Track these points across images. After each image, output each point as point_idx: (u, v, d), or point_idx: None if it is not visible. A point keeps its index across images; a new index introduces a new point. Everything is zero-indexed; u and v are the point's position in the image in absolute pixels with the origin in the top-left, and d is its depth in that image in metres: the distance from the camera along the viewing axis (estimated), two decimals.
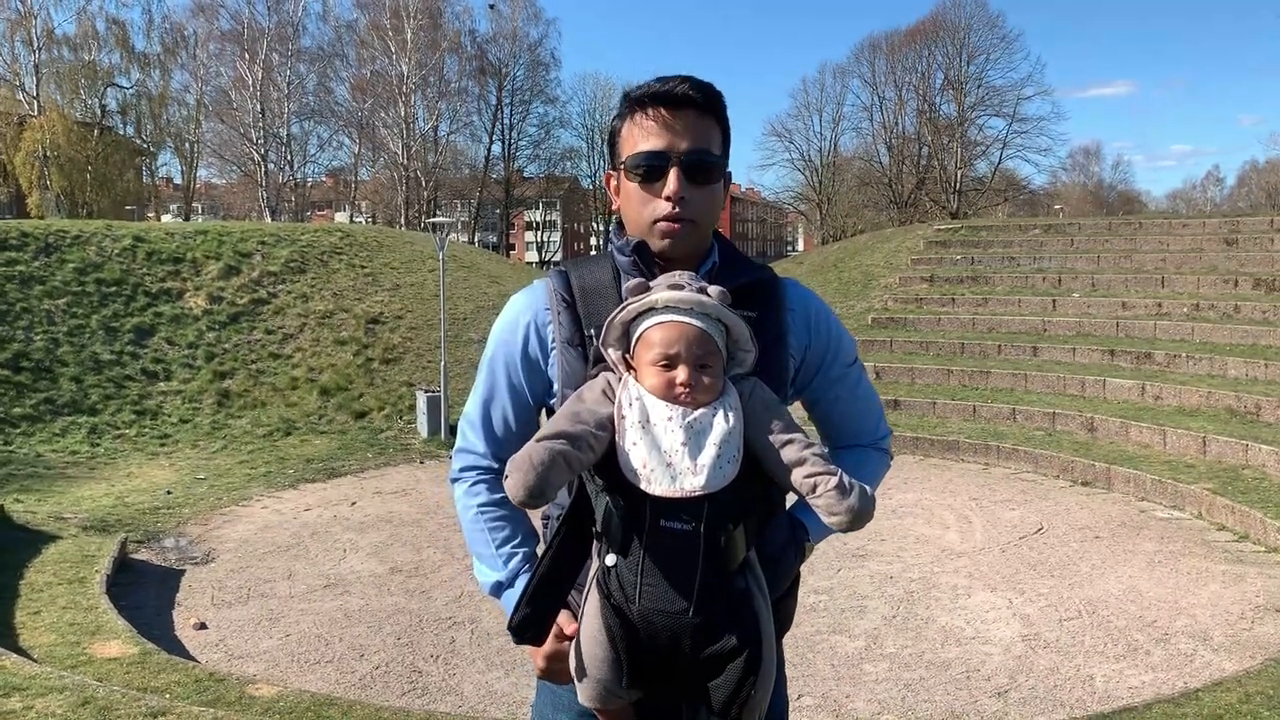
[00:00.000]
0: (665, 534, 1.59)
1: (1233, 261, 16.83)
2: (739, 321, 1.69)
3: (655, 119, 1.80)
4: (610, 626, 1.61)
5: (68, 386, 15.04)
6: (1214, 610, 7.46)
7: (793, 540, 1.80)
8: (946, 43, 55.16)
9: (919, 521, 10.11)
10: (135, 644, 6.38)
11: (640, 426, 1.60)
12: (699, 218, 1.81)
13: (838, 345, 1.96)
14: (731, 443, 1.61)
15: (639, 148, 1.81)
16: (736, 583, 1.65)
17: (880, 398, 2.09)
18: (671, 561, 1.59)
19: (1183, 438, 11.61)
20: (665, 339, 1.63)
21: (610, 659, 1.62)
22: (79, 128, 41.69)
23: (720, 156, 1.85)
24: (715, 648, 1.61)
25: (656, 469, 1.57)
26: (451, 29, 52.59)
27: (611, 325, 1.69)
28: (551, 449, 1.56)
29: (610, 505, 1.62)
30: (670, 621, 1.60)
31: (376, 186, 55.22)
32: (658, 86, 1.81)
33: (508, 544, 1.87)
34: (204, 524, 10.29)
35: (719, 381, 1.66)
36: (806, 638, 6.96)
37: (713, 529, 1.59)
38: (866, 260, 22.16)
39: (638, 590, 1.60)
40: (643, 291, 1.68)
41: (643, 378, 1.65)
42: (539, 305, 1.87)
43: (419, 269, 20.84)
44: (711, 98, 1.83)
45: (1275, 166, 76.66)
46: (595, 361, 1.75)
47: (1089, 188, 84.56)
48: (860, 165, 60.60)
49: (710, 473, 1.58)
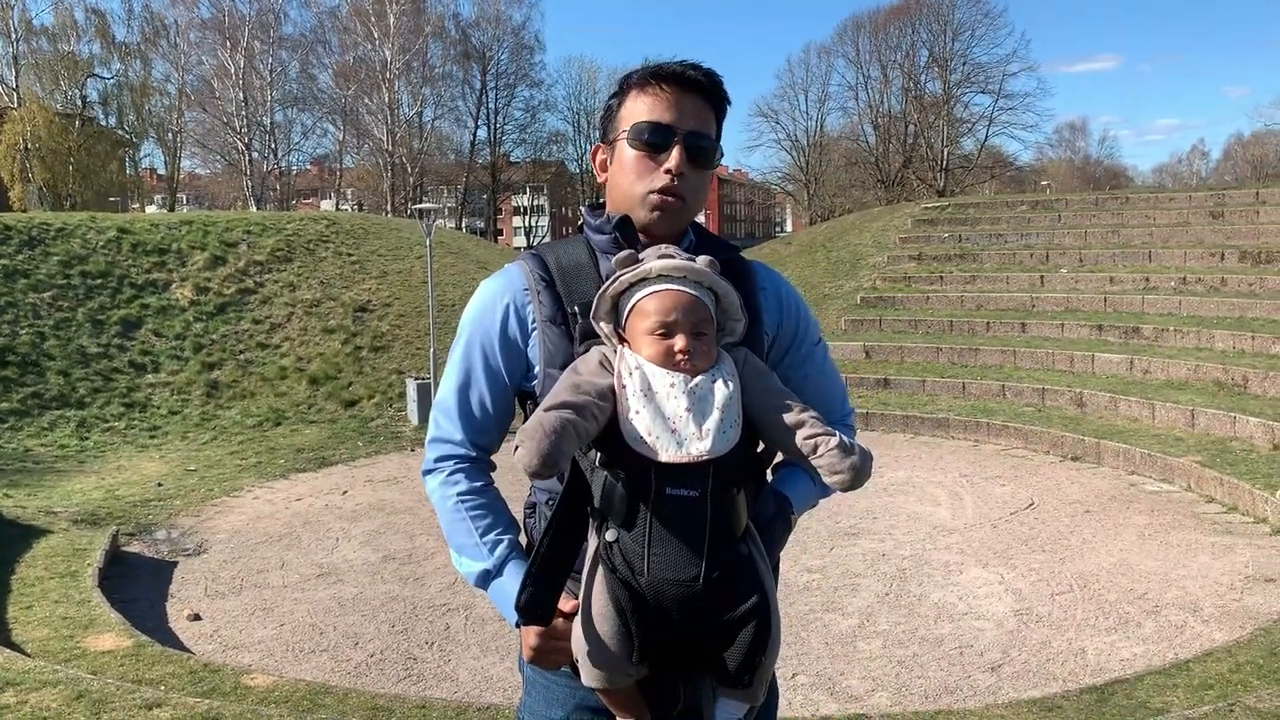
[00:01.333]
0: (672, 501, 1.58)
1: (1219, 235, 16.88)
2: (730, 289, 1.70)
3: (666, 95, 1.81)
4: (619, 600, 1.60)
5: (55, 380, 14.96)
6: (1204, 581, 7.51)
7: (780, 513, 1.81)
8: (930, 20, 55.07)
9: (910, 499, 10.14)
10: (129, 636, 6.37)
11: (643, 395, 1.60)
12: (690, 198, 1.82)
13: (806, 324, 1.99)
14: (732, 408, 1.62)
15: (646, 118, 1.81)
16: (740, 549, 1.65)
17: (860, 373, 2.11)
18: (680, 529, 1.59)
19: (1171, 411, 11.67)
20: (662, 307, 1.64)
21: (620, 633, 1.61)
22: (60, 119, 41.34)
23: (717, 145, 1.88)
24: (733, 613, 1.61)
25: (662, 435, 1.58)
26: (434, 13, 52.33)
27: (603, 298, 1.69)
28: (562, 417, 1.55)
29: (610, 479, 1.61)
30: (681, 590, 1.59)
31: (362, 174, 54.97)
32: (671, 66, 1.82)
33: (491, 532, 1.85)
34: (195, 515, 10.27)
35: (714, 349, 1.67)
36: (800, 616, 6.99)
37: (719, 494, 1.60)
38: (854, 240, 22.15)
39: (645, 561, 1.59)
40: (633, 263, 1.68)
41: (639, 347, 1.65)
42: (517, 286, 1.87)
43: (406, 256, 20.77)
44: (718, 88, 1.85)
45: (1260, 139, 76.87)
46: (583, 338, 1.75)
47: (1076, 163, 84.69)
48: (847, 145, 60.57)
49: (716, 437, 1.58)
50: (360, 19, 48.32)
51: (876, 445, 12.63)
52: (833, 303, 18.48)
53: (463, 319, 1.93)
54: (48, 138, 39.45)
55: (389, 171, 48.79)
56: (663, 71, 1.82)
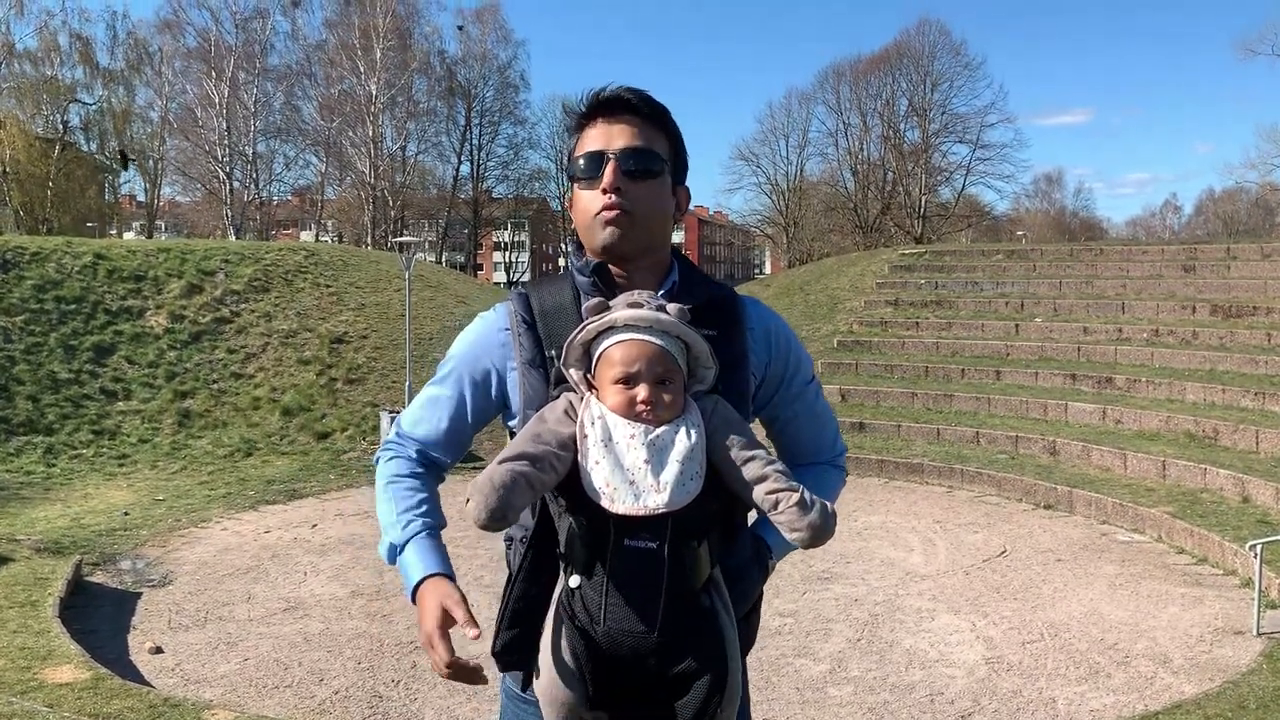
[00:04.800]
0: (629, 553, 1.58)
1: (1191, 288, 17.11)
2: (699, 339, 1.69)
3: (598, 126, 1.86)
4: (574, 648, 1.60)
5: (24, 406, 14.77)
6: (1173, 633, 7.53)
7: (756, 557, 1.81)
8: (910, 70, 55.90)
9: (884, 544, 10.14)
10: (88, 669, 6.25)
11: (603, 445, 1.60)
12: (636, 208, 1.81)
13: (797, 363, 1.98)
14: (694, 459, 1.61)
15: (579, 153, 1.86)
16: (701, 601, 1.64)
17: (836, 416, 2.11)
18: (635, 581, 1.59)
19: (1143, 461, 11.75)
20: (625, 357, 1.64)
21: (575, 680, 1.60)
22: (40, 143, 41.13)
23: (662, 158, 1.87)
24: (681, 667, 1.60)
25: (620, 487, 1.57)
26: (421, 49, 52.60)
27: (572, 346, 1.69)
28: (513, 470, 1.56)
29: (573, 526, 1.62)
30: (635, 641, 1.59)
31: (343, 205, 54.89)
32: (594, 96, 1.87)
33: (409, 511, 1.85)
34: (162, 546, 10.12)
35: (680, 399, 1.66)
36: (771, 661, 6.94)
37: (676, 547, 1.59)
38: (832, 284, 22.31)
39: (602, 611, 1.59)
40: (602, 311, 1.69)
41: (604, 396, 1.65)
42: (500, 325, 1.89)
43: (385, 288, 20.72)
44: (650, 104, 1.88)
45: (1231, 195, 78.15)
46: (557, 382, 1.75)
47: (1052, 214, 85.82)
48: (826, 190, 61.14)
49: (674, 490, 1.57)
50: (346, 53, 48.51)
51: (851, 489, 12.62)
52: (810, 345, 18.56)
53: (456, 342, 1.97)
54: (26, 161, 39.23)
55: (370, 204, 48.77)
56: (589, 106, 1.87)
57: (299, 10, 47.98)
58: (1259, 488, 10.24)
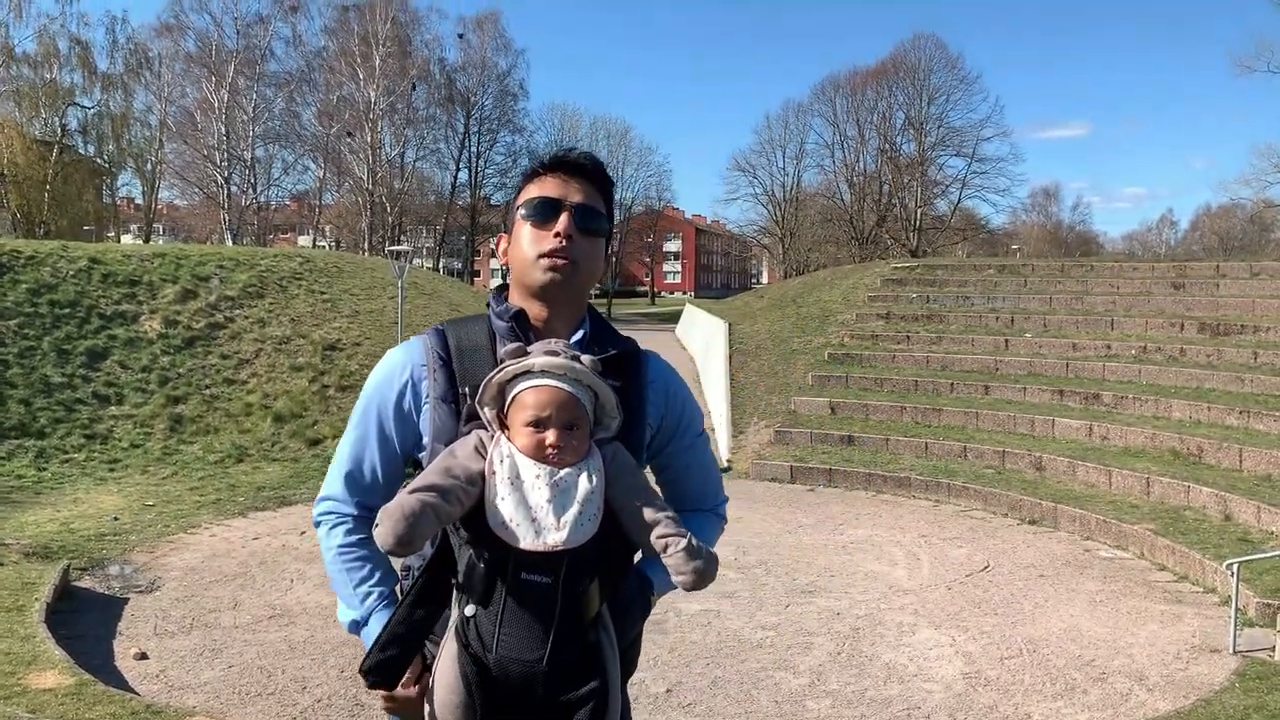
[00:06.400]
0: (526, 586, 1.69)
1: (1179, 305, 17.23)
2: (607, 390, 1.80)
3: (554, 178, 1.98)
4: (466, 674, 1.70)
5: (16, 409, 14.80)
6: (1151, 650, 7.60)
7: (640, 594, 1.92)
8: (907, 83, 56.19)
9: (868, 558, 10.21)
10: (72, 674, 6.29)
11: (509, 483, 1.70)
12: (582, 261, 1.95)
13: (690, 418, 2.11)
14: (593, 502, 1.72)
15: (535, 196, 1.98)
16: (589, 636, 1.75)
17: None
18: (530, 613, 1.69)
19: (1127, 478, 11.83)
20: (538, 401, 1.74)
21: (465, 704, 1.70)
22: (38, 146, 41.17)
23: (608, 222, 2.03)
24: (567, 696, 1.71)
25: (523, 524, 1.67)
26: (420, 57, 52.82)
27: (489, 385, 1.78)
28: (423, 500, 1.65)
29: (474, 557, 1.72)
30: (525, 669, 1.69)
31: (341, 211, 55.04)
32: (558, 153, 2.00)
33: (364, 583, 1.95)
34: (150, 551, 10.16)
35: (585, 444, 1.77)
36: (751, 674, 7.00)
37: (570, 583, 1.70)
38: (825, 296, 22.40)
39: (495, 639, 1.69)
40: (520, 355, 1.78)
41: (514, 437, 1.75)
42: (416, 361, 1.98)
43: (379, 295, 20.78)
44: (601, 171, 2.02)
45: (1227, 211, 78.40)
46: (468, 419, 1.84)
47: (1048, 228, 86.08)
48: (823, 202, 61.37)
49: (572, 529, 1.68)
50: (346, 60, 48.66)
51: (838, 503, 12.77)
52: (801, 358, 18.64)
53: (367, 384, 2.04)
54: (24, 164, 39.27)
55: (368, 210, 48.89)
56: (549, 160, 2.00)
57: (297, 16, 48.07)
58: (1241, 506, 10.32)
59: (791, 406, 16.45)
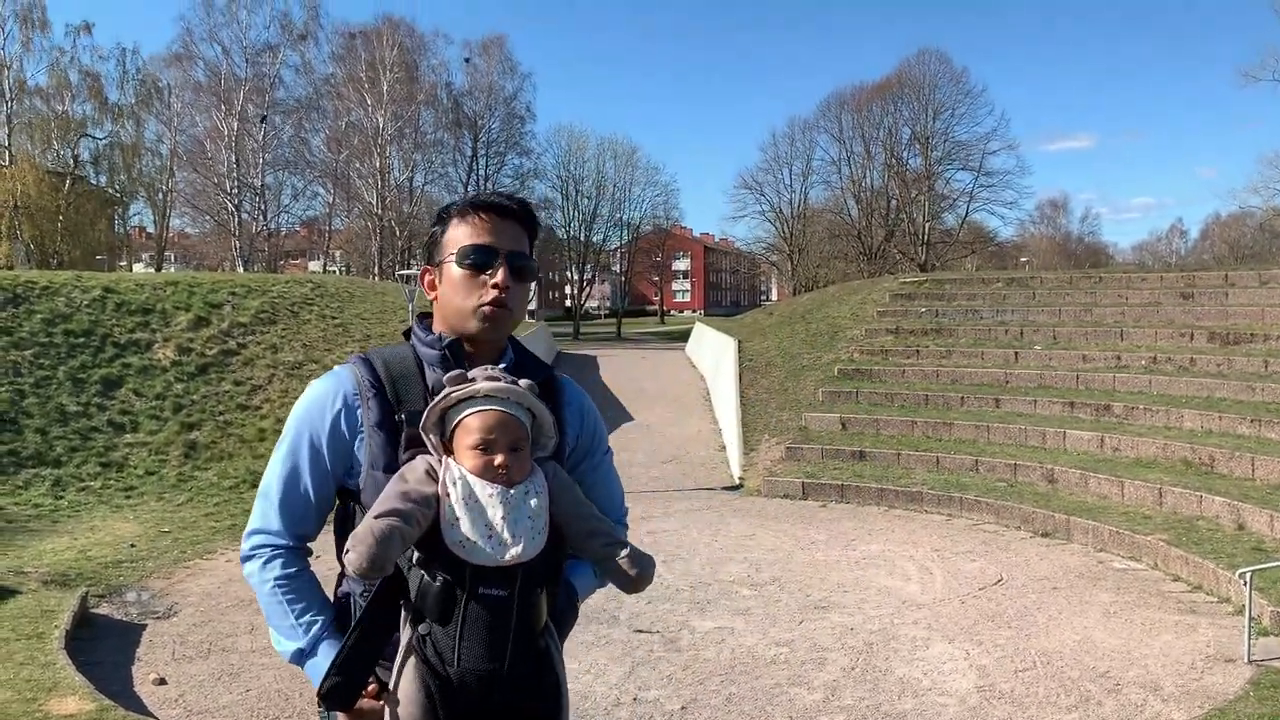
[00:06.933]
0: (484, 600, 1.77)
1: (1189, 315, 17.22)
2: (545, 410, 1.92)
3: (486, 221, 2.04)
4: (429, 686, 1.78)
5: (32, 439, 14.94)
6: (1165, 660, 7.59)
7: (570, 603, 2.04)
8: (912, 98, 56.36)
9: (881, 573, 10.22)
10: (92, 700, 6.36)
11: (464, 503, 1.78)
12: (515, 309, 2.05)
13: (601, 437, 2.25)
14: (541, 516, 1.83)
15: (470, 242, 2.03)
16: (539, 642, 1.86)
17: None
18: (489, 625, 1.77)
19: (1140, 489, 11.82)
20: (484, 425, 1.83)
21: (428, 716, 1.78)
22: (50, 177, 41.64)
23: (533, 260, 2.12)
24: (530, 698, 1.83)
25: (481, 541, 1.76)
26: (427, 82, 53.19)
27: (432, 412, 1.87)
28: (389, 524, 1.72)
29: (426, 578, 1.79)
30: (486, 677, 1.78)
31: (350, 236, 55.35)
32: (487, 197, 2.07)
33: (306, 614, 2.00)
34: (167, 578, 10.24)
35: (528, 463, 1.88)
36: (765, 690, 7.03)
37: (525, 594, 1.80)
38: (833, 312, 22.46)
39: (455, 653, 1.77)
40: (463, 382, 1.87)
41: (462, 459, 1.84)
42: (347, 389, 2.02)
43: (390, 320, 20.91)
44: (529, 214, 2.11)
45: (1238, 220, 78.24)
46: (408, 445, 1.92)
47: (1057, 240, 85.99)
48: (830, 218, 61.43)
49: (527, 543, 1.79)
50: (354, 86, 49.07)
51: (851, 518, 12.78)
52: (811, 374, 18.68)
53: (292, 416, 2.07)
54: (37, 196, 39.71)
55: (378, 234, 49.17)
56: (480, 202, 2.06)
57: (306, 44, 48.55)
58: (1254, 515, 10.31)
59: (802, 423, 16.48)
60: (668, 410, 20.85)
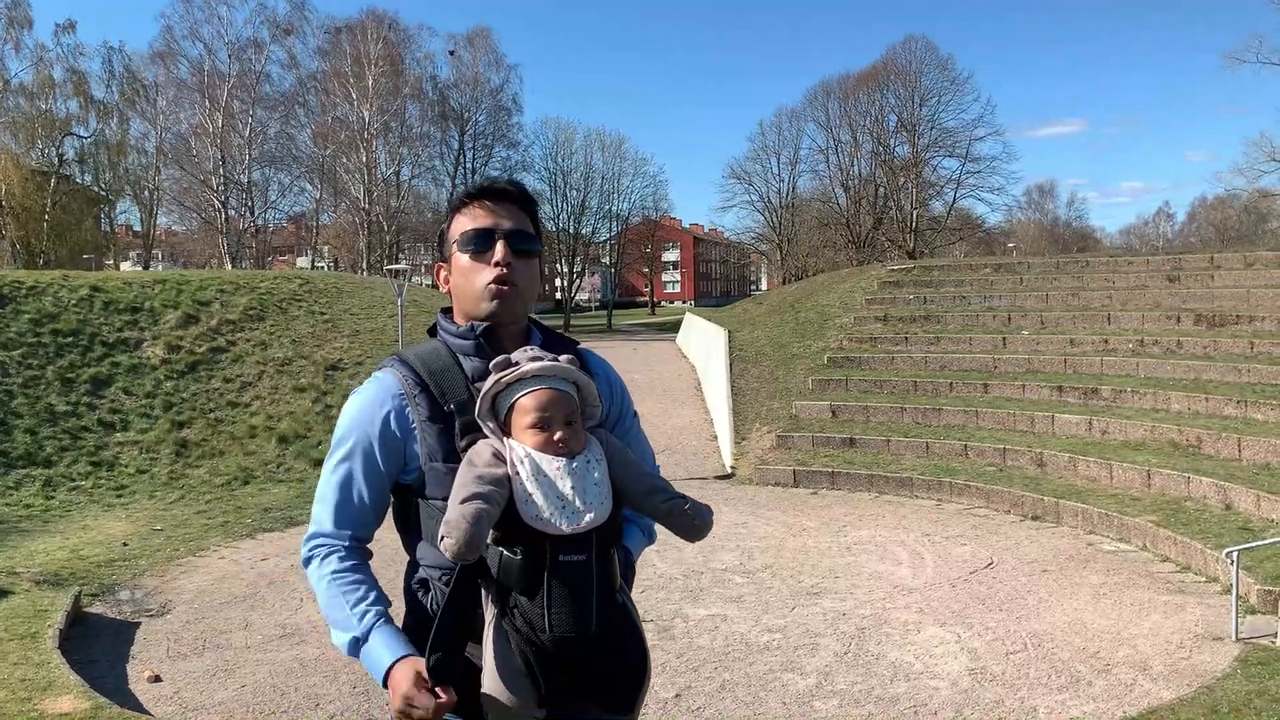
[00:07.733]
0: (566, 567, 1.84)
1: (1175, 298, 17.30)
2: (589, 381, 2.03)
3: (482, 208, 2.14)
4: (525, 655, 1.85)
5: (22, 439, 14.90)
6: (1154, 640, 7.66)
7: (628, 562, 2.11)
8: (898, 86, 56.39)
9: (872, 558, 10.28)
10: (87, 699, 6.37)
11: (534, 479, 1.86)
12: (521, 283, 2.12)
13: (628, 402, 2.33)
14: (604, 482, 1.92)
15: (469, 228, 2.12)
16: (618, 598, 1.95)
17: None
18: (573, 590, 1.84)
19: (1128, 471, 11.90)
20: (539, 404, 1.92)
21: (527, 685, 1.85)
22: (35, 176, 41.40)
23: (539, 241, 2.19)
24: (621, 653, 1.93)
25: (556, 512, 1.84)
26: (413, 75, 53.04)
27: (485, 398, 1.94)
28: (477, 508, 1.79)
29: (507, 554, 1.85)
30: (579, 639, 1.85)
31: (338, 231, 55.19)
32: (483, 183, 2.16)
33: (361, 603, 2.05)
34: (160, 575, 10.24)
35: (583, 433, 1.97)
36: (759, 676, 7.07)
37: (601, 556, 1.89)
38: (822, 301, 22.50)
39: (546, 620, 1.83)
40: (508, 366, 1.95)
41: (522, 439, 1.92)
42: (394, 391, 2.09)
43: (379, 314, 20.88)
44: (525, 194, 2.19)
45: (1224, 203, 78.60)
46: (464, 432, 1.99)
47: (1044, 225, 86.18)
48: (819, 207, 61.52)
49: (598, 508, 1.88)
50: (339, 80, 48.90)
51: (841, 505, 12.84)
52: (800, 362, 18.72)
53: (341, 422, 2.14)
54: (22, 195, 39.48)
55: (365, 229, 49.07)
56: (475, 190, 2.15)
57: (291, 38, 48.34)
58: (1241, 495, 10.39)
59: (793, 411, 16.53)
60: (659, 401, 20.88)
